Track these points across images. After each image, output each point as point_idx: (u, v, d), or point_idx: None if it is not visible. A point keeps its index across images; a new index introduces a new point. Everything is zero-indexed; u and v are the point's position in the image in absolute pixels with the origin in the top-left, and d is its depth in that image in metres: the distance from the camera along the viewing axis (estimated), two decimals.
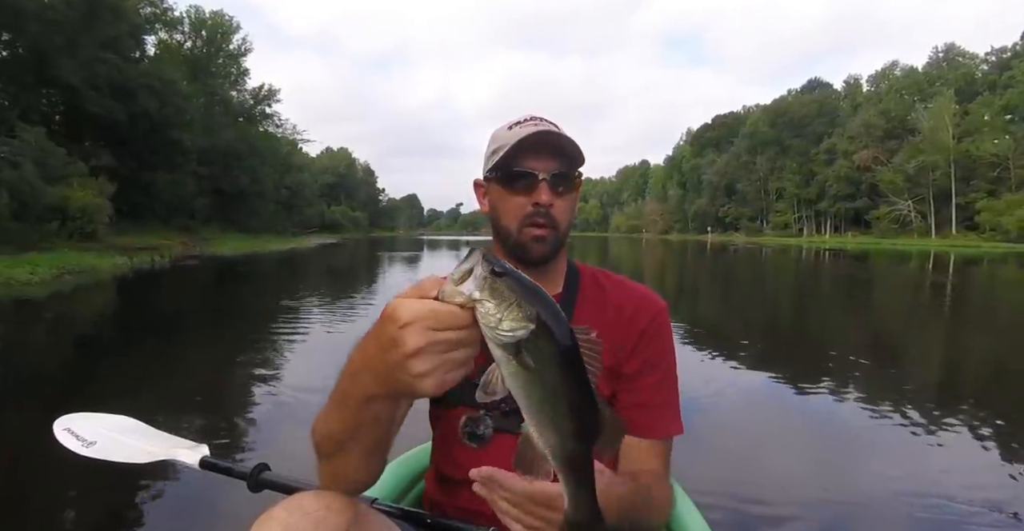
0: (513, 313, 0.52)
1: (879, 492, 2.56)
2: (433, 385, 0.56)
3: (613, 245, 49.92)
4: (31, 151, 17.31)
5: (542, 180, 0.94)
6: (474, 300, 0.53)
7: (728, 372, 4.95)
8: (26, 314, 8.40)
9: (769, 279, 17.30)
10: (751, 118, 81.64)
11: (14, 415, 3.65)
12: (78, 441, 1.21)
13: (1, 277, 10.44)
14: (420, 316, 0.55)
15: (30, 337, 6.72)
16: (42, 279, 11.37)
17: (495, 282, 0.53)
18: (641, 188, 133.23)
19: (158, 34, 36.30)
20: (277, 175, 46.98)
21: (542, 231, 0.96)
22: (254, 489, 1.03)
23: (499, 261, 0.54)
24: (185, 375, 4.76)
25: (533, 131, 0.92)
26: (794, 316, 9.48)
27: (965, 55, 64.00)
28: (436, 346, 0.55)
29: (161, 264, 16.63)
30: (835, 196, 63.78)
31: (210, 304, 10.10)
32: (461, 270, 0.54)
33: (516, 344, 0.52)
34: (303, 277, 15.52)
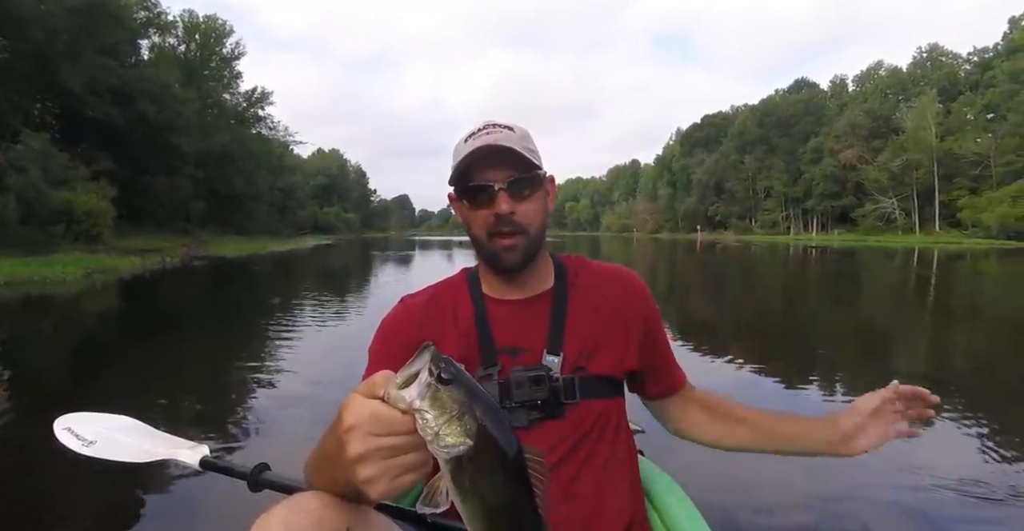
0: (453, 427, 0.50)
1: (870, 484, 2.61)
2: (381, 491, 0.54)
3: (604, 244, 50.44)
4: (36, 157, 17.74)
5: (499, 190, 0.93)
6: (414, 409, 0.51)
7: (718, 368, 4.95)
8: (72, 308, 9.30)
9: (757, 276, 17.61)
10: (739, 118, 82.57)
11: (83, 388, 4.26)
12: (78, 440, 1.21)
13: (37, 276, 11.25)
14: (361, 421, 0.53)
15: (83, 326, 7.66)
16: (74, 278, 12.20)
17: (438, 391, 0.50)
18: (632, 187, 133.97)
19: (152, 38, 36.67)
20: (271, 177, 47.38)
21: (510, 240, 0.96)
22: (254, 489, 1.03)
23: (449, 364, 0.51)
24: (197, 369, 4.98)
25: (483, 143, 0.92)
26: (783, 312, 9.58)
27: (948, 55, 65.27)
28: (379, 452, 0.53)
29: (172, 265, 17.29)
30: (822, 194, 64.76)
31: (225, 301, 10.81)
32: (407, 373, 0.52)
33: (456, 458, 0.50)
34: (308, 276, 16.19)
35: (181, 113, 30.95)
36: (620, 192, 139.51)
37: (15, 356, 5.62)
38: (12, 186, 15.08)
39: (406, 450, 0.53)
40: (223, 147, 36.81)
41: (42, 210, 17.01)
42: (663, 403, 1.15)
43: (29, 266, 11.96)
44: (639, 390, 1.14)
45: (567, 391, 0.97)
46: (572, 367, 0.98)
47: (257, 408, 3.74)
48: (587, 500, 0.94)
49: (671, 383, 1.13)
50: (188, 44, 41.43)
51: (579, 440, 0.97)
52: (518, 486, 0.53)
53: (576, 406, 0.97)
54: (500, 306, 1.04)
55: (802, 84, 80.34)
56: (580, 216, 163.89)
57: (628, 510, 1.00)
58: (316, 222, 66.93)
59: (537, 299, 1.04)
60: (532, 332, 1.01)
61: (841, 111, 68.20)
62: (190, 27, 41.27)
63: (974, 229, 45.94)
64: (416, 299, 1.08)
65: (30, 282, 10.99)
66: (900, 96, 63.48)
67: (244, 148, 40.30)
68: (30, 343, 6.39)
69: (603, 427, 1.00)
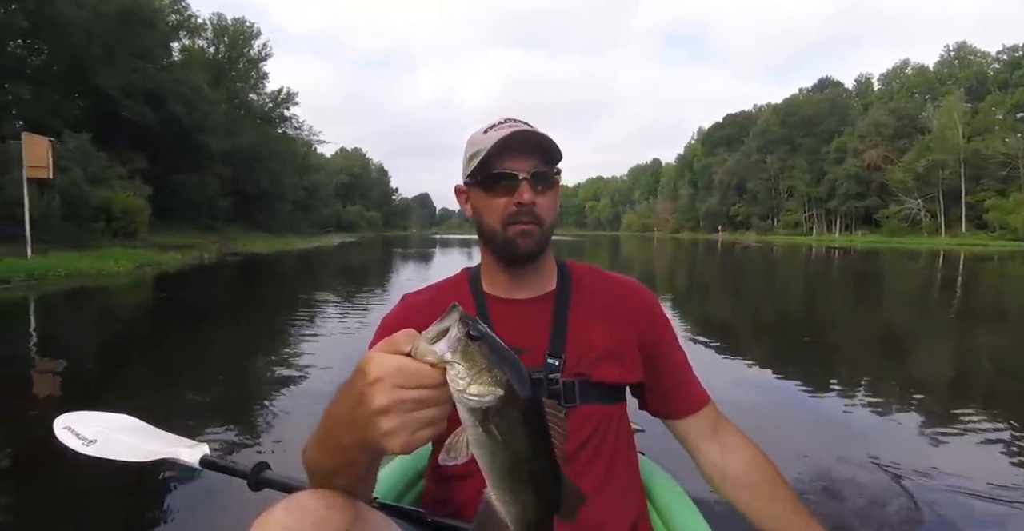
0: (483, 378, 0.52)
1: (888, 488, 2.54)
2: (400, 444, 0.55)
3: (625, 244, 50.53)
4: (77, 156, 18.60)
5: (523, 179, 0.95)
6: (445, 361, 0.53)
7: (736, 369, 4.88)
8: (126, 298, 10.32)
9: (778, 276, 17.51)
10: (762, 117, 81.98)
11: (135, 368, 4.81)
12: (78, 439, 1.22)
13: (93, 269, 12.25)
14: (388, 373, 0.54)
15: (137, 315, 8.55)
16: (126, 271, 13.22)
17: (469, 346, 0.52)
18: (652, 187, 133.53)
19: (183, 41, 37.77)
20: (295, 176, 48.34)
21: (527, 226, 0.97)
22: (254, 488, 1.03)
23: (476, 323, 0.54)
24: (225, 362, 5.20)
25: (510, 131, 0.94)
26: (805, 313, 9.43)
27: (976, 53, 64.16)
28: (403, 405, 0.54)
29: (209, 260, 18.15)
30: (845, 195, 64.08)
31: (260, 294, 11.54)
32: (437, 329, 0.54)
33: (483, 410, 0.52)
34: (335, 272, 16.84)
35: (210, 114, 31.89)
36: (641, 191, 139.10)
37: (76, 342, 6.33)
38: (56, 184, 15.85)
39: (428, 404, 0.55)
40: (250, 146, 37.72)
41: (83, 207, 17.85)
42: (681, 426, 1.09)
43: (84, 260, 12.94)
44: (647, 406, 1.11)
45: (567, 395, 0.97)
46: (573, 371, 0.98)
47: (273, 405, 3.71)
48: (589, 503, 0.90)
49: (684, 403, 1.08)
50: (217, 46, 42.48)
51: (579, 444, 0.97)
52: (539, 437, 0.55)
53: (576, 410, 0.97)
54: (502, 305, 1.04)
55: (826, 83, 79.54)
56: (601, 216, 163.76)
57: (630, 512, 1.01)
58: (339, 220, 67.99)
59: (539, 300, 1.05)
60: (533, 333, 1.00)
61: (866, 110, 67.46)
62: (219, 30, 42.33)
63: (1001, 231, 45.26)
64: (418, 297, 1.09)
65: (86, 274, 11.97)
66: (927, 95, 62.56)
67: (270, 147, 41.22)
68: (86, 331, 7.11)
69: (604, 431, 1.00)
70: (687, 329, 6.82)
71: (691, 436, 1.08)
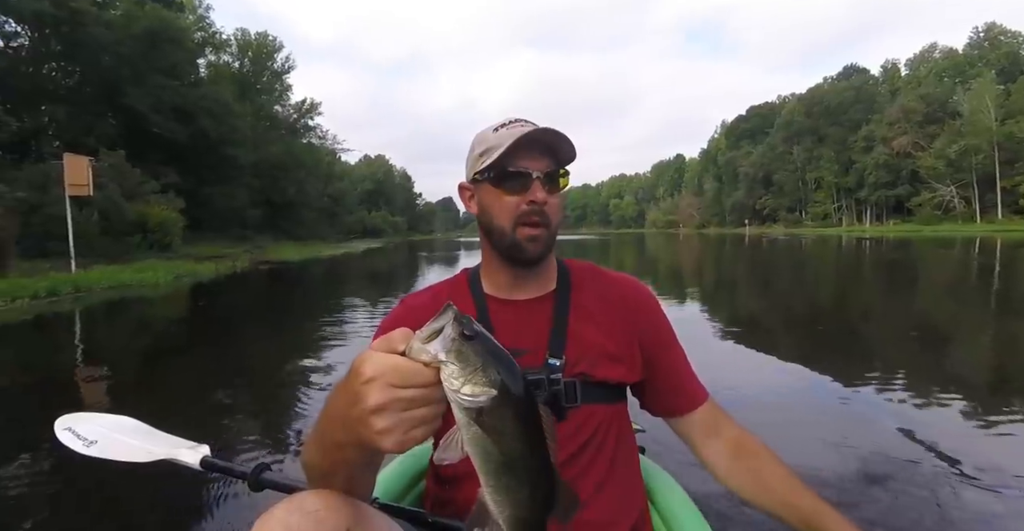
0: (477, 378, 0.52)
1: (909, 481, 2.47)
2: (394, 442, 0.55)
3: (649, 241, 50.18)
4: (113, 173, 19.24)
5: (536, 178, 0.95)
6: (439, 361, 0.53)
7: (769, 364, 4.76)
8: (171, 305, 10.86)
9: (808, 269, 17.09)
10: (786, 108, 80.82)
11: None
12: (79, 440, 1.22)
13: (134, 281, 12.88)
14: (382, 372, 0.54)
15: (176, 322, 8.87)
16: (165, 282, 13.75)
17: (463, 345, 0.53)
18: (676, 182, 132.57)
19: (208, 57, 38.77)
20: (321, 184, 49.21)
21: (536, 230, 0.97)
22: (255, 489, 1.03)
23: (471, 322, 0.54)
24: (253, 366, 5.33)
25: (527, 130, 0.94)
26: (836, 305, 9.09)
27: (1007, 34, 62.31)
28: (397, 403, 0.54)
29: (242, 269, 18.68)
30: (875, 184, 62.81)
31: (292, 300, 11.88)
32: (431, 328, 0.54)
33: (477, 409, 0.52)
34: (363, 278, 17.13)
35: (237, 127, 32.66)
36: (665, 187, 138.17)
37: (122, 348, 6.67)
38: (94, 201, 16.42)
39: (421, 403, 0.55)
40: (276, 157, 38.58)
41: (120, 222, 18.48)
42: (683, 424, 1.09)
43: (125, 272, 13.54)
44: (648, 405, 1.11)
45: (568, 395, 0.97)
46: (574, 371, 0.98)
47: (305, 407, 3.76)
48: (590, 502, 0.93)
49: (684, 401, 1.08)
50: (241, 60, 43.52)
51: (581, 444, 0.97)
52: (533, 437, 0.56)
53: (578, 410, 0.97)
54: (502, 306, 1.04)
55: (851, 70, 78.07)
56: (625, 213, 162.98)
57: (631, 511, 1.01)
58: (364, 226, 68.83)
59: (540, 300, 1.05)
60: (534, 333, 1.01)
61: (893, 97, 66.08)
62: (243, 45, 43.36)
63: None
64: (417, 299, 1.09)
65: (128, 286, 12.54)
66: (956, 79, 60.96)
67: (296, 158, 42.06)
68: (131, 338, 7.46)
69: (605, 431, 1.00)
70: (717, 325, 6.79)
71: (693, 432, 1.08)
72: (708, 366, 4.43)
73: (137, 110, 25.49)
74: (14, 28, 23.73)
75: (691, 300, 9.44)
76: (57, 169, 15.47)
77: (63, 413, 1.32)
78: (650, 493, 1.15)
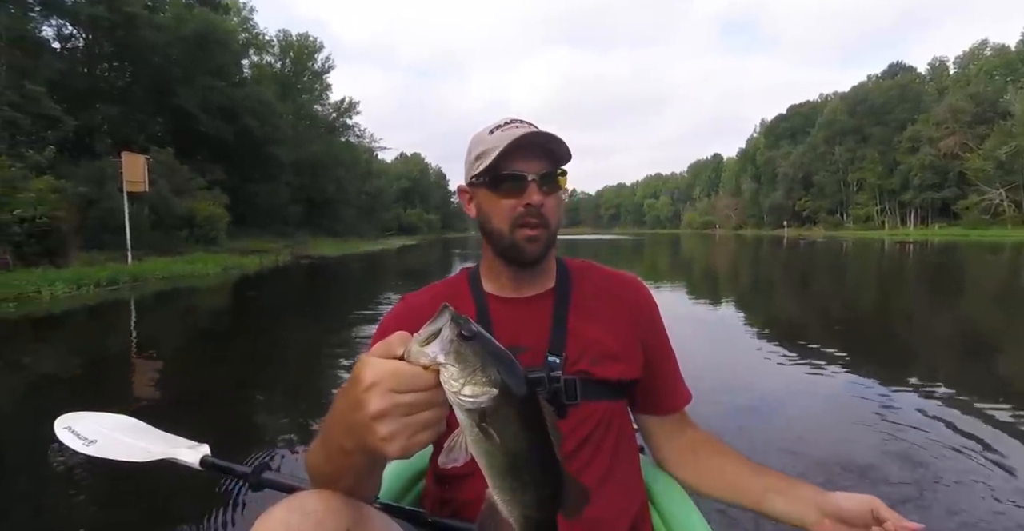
0: (477, 379, 0.52)
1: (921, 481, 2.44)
2: (399, 448, 0.55)
3: (685, 242, 49.71)
4: (163, 170, 20.08)
5: (531, 181, 0.95)
6: (438, 363, 0.52)
7: (806, 371, 4.55)
8: (222, 295, 11.70)
9: (849, 274, 16.46)
10: (828, 107, 78.89)
11: None
12: (79, 440, 1.22)
13: (186, 272, 13.79)
14: (382, 378, 0.54)
15: (232, 307, 9.82)
16: (215, 273, 14.73)
17: (461, 346, 0.52)
18: (713, 182, 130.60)
19: (251, 58, 39.89)
20: (359, 182, 50.13)
21: (535, 231, 0.96)
22: (255, 488, 1.03)
23: (468, 323, 0.53)
24: (286, 357, 5.53)
25: (521, 132, 0.93)
26: (878, 312, 8.71)
27: None
28: (399, 408, 0.54)
29: (285, 263, 19.53)
30: (920, 186, 60.86)
31: (330, 292, 12.54)
32: (429, 331, 0.54)
33: (479, 410, 0.52)
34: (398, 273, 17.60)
35: (279, 126, 33.62)
36: (701, 188, 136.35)
37: (176, 334, 7.27)
38: (145, 196, 17.21)
39: (424, 407, 0.55)
40: (316, 155, 39.53)
41: (169, 217, 19.34)
42: (657, 422, 1.12)
43: (177, 264, 14.51)
44: (633, 403, 1.11)
45: (568, 392, 0.97)
46: (574, 368, 0.98)
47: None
48: (590, 499, 0.91)
49: (671, 401, 1.11)
50: (283, 61, 44.61)
51: (581, 441, 0.97)
52: (538, 435, 0.55)
53: (578, 407, 0.97)
54: (502, 305, 1.04)
55: (897, 68, 75.83)
56: (660, 213, 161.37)
57: (630, 510, 1.01)
58: (400, 223, 69.81)
59: (539, 298, 1.05)
60: (534, 331, 1.01)
61: (941, 96, 63.84)
62: (285, 46, 44.45)
63: None
64: (418, 298, 1.09)
65: (180, 277, 13.41)
66: (1008, 77, 58.69)
67: (334, 156, 43.05)
68: (186, 324, 8.09)
69: (605, 428, 1.00)
70: (756, 330, 6.71)
71: (663, 431, 1.11)
72: (741, 370, 4.48)
73: (185, 109, 26.42)
74: (71, 31, 24.93)
75: (728, 303, 9.41)
76: (112, 165, 16.39)
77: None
78: (650, 493, 1.14)
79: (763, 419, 3.42)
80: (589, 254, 28.50)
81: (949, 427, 3.24)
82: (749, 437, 3.04)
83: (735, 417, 3.39)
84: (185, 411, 3.72)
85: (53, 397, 4.23)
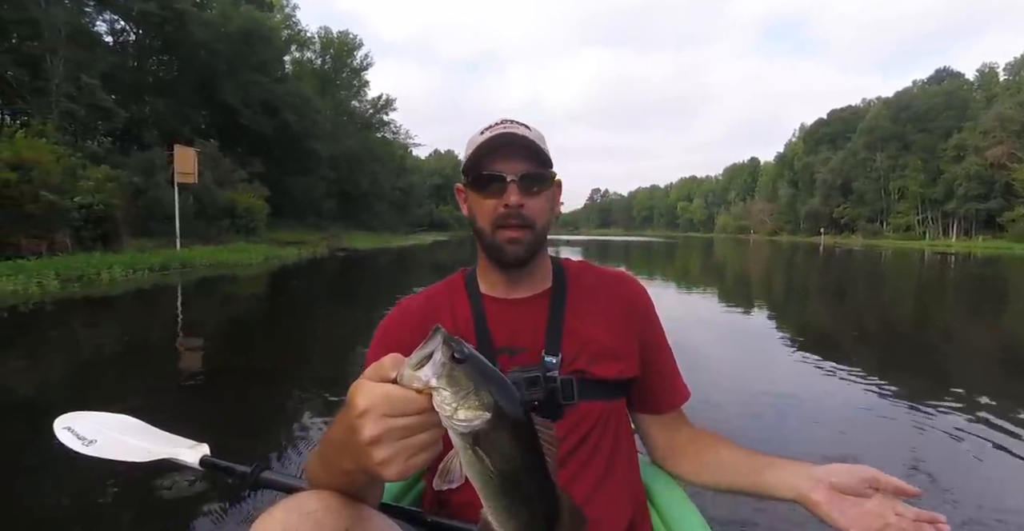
0: (469, 402, 0.52)
1: None
2: (396, 472, 0.55)
3: (718, 246, 49.17)
4: (208, 162, 20.78)
5: (511, 181, 0.94)
6: (431, 387, 0.52)
7: (842, 384, 4.44)
8: (266, 282, 12.33)
9: (887, 285, 15.62)
10: (871, 112, 77.01)
11: None
12: (78, 440, 1.22)
13: (231, 260, 14.57)
14: (375, 404, 0.54)
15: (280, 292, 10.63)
16: (256, 262, 15.53)
17: (453, 369, 0.52)
18: (750, 187, 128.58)
19: (293, 54, 40.80)
20: (393, 177, 50.83)
21: (516, 232, 0.96)
22: (254, 488, 1.04)
23: (461, 345, 0.53)
24: (307, 349, 5.70)
25: (499, 133, 0.94)
26: (915, 326, 8.31)
27: None
28: (394, 432, 0.54)
29: (321, 254, 20.22)
30: (964, 196, 58.99)
31: (364, 283, 12.97)
32: (421, 354, 0.54)
33: (473, 433, 0.52)
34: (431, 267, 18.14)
35: (318, 121, 34.35)
36: (737, 192, 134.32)
37: (224, 315, 7.80)
38: (189, 187, 17.86)
39: (419, 430, 0.55)
40: (352, 151, 40.23)
41: (212, 207, 20.05)
42: (655, 420, 1.12)
43: (222, 252, 15.34)
44: (631, 402, 1.10)
45: (565, 392, 0.96)
46: (571, 368, 0.98)
47: None
48: (587, 501, 0.92)
49: (670, 398, 1.11)
50: (323, 58, 45.47)
51: (578, 442, 0.97)
52: (532, 455, 0.56)
53: (575, 407, 0.97)
54: (498, 306, 1.04)
55: (944, 74, 73.61)
56: (693, 216, 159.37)
57: (628, 511, 1.01)
58: (432, 219, 70.44)
59: (535, 299, 1.05)
60: (530, 332, 1.01)
61: (989, 104, 61.83)
62: (325, 42, 45.28)
63: None
64: (413, 302, 1.09)
65: (225, 264, 14.18)
66: None
67: (370, 151, 43.78)
68: (235, 306, 8.75)
69: (603, 428, 1.00)
70: (792, 339, 6.50)
71: (662, 430, 1.11)
72: (778, 378, 4.50)
73: (229, 103, 27.25)
74: (122, 26, 25.88)
75: (761, 311, 9.22)
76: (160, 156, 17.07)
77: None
78: (649, 493, 1.14)
79: (796, 429, 3.42)
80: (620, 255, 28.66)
81: (989, 443, 3.17)
82: (782, 445, 3.06)
83: (766, 426, 3.47)
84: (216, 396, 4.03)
85: (113, 371, 4.72)
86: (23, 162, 11.19)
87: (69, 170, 12.75)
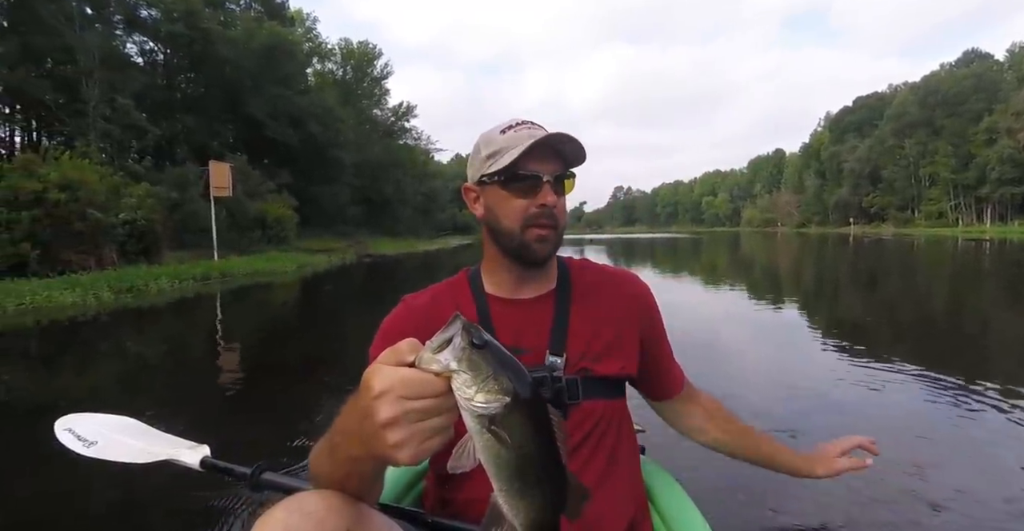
0: (488, 386, 0.53)
1: (908, 490, 2.34)
2: (410, 454, 0.56)
3: (745, 240, 48.39)
4: (237, 175, 21.43)
5: (547, 182, 0.96)
6: (451, 370, 0.53)
7: (874, 378, 4.18)
8: (302, 289, 12.91)
9: (922, 275, 14.52)
10: (898, 98, 75.39)
11: None
12: (79, 441, 1.21)
13: (267, 269, 15.28)
14: (392, 386, 0.54)
15: (315, 301, 11.05)
16: (291, 270, 16.22)
17: (473, 354, 0.53)
18: (775, 179, 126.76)
19: (315, 66, 41.64)
20: (416, 183, 51.44)
21: (546, 231, 0.98)
22: (255, 489, 1.04)
23: (479, 331, 0.55)
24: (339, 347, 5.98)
25: (541, 135, 0.95)
26: (951, 316, 7.90)
27: None
28: (410, 415, 0.54)
29: (350, 261, 20.93)
30: (998, 180, 57.40)
31: (389, 288, 13.36)
32: (441, 338, 0.55)
33: (490, 416, 0.53)
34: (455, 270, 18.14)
35: (341, 131, 34.98)
36: (762, 184, 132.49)
37: (262, 322, 8.30)
38: (220, 199, 18.47)
39: (434, 413, 0.55)
40: (376, 158, 40.89)
41: (244, 218, 20.71)
42: (666, 404, 1.19)
43: (258, 262, 16.09)
44: (644, 391, 1.18)
45: (570, 392, 0.98)
46: (575, 368, 1.00)
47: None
48: (590, 497, 0.90)
49: (671, 386, 1.18)
50: (344, 68, 46.27)
51: (581, 440, 0.98)
52: (545, 440, 0.57)
53: (578, 406, 0.98)
54: (503, 305, 1.05)
55: (972, 56, 71.68)
56: (718, 211, 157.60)
57: (629, 509, 1.02)
58: (455, 223, 70.90)
59: (540, 299, 1.06)
60: (535, 332, 1.02)
61: (1020, 84, 60.12)
62: (346, 53, 46.08)
63: None
64: (418, 299, 1.09)
65: (262, 273, 14.87)
66: None
67: (393, 158, 44.37)
68: (274, 313, 9.24)
69: (606, 427, 1.01)
70: (822, 333, 6.23)
71: (675, 409, 1.21)
72: (809, 377, 4.40)
73: (255, 117, 27.98)
74: (151, 46, 26.80)
75: (792, 305, 8.55)
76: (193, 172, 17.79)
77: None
78: (650, 493, 1.15)
79: (830, 426, 3.21)
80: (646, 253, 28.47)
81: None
82: None
83: (805, 417, 3.36)
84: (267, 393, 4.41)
85: (169, 368, 5.20)
86: (70, 183, 11.89)
87: (113, 188, 13.52)
